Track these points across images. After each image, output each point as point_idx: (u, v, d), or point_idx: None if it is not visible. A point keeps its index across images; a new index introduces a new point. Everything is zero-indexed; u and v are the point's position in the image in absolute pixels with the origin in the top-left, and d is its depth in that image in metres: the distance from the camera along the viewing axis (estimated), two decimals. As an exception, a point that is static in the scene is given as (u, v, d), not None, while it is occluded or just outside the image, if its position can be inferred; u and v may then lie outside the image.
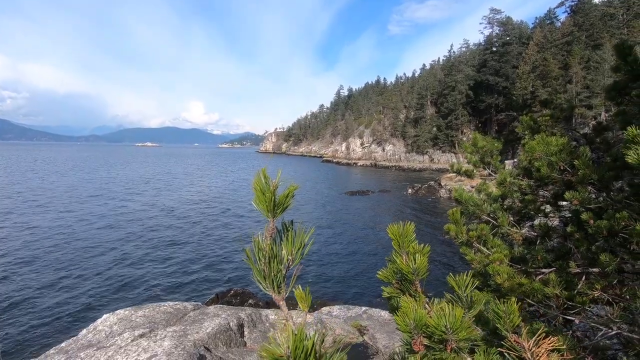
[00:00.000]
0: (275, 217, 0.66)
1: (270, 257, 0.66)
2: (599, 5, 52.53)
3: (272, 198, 0.64)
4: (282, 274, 0.67)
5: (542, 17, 69.53)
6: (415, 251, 0.88)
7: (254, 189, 0.64)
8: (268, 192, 0.64)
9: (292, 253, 0.70)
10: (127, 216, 23.23)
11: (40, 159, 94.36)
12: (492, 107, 67.33)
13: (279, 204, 0.65)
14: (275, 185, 0.65)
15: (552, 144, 2.95)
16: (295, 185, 0.67)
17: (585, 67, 45.07)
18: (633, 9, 45.80)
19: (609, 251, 2.52)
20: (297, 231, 0.71)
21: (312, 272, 14.51)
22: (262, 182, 0.65)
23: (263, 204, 0.64)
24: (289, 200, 0.66)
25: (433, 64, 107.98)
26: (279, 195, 0.66)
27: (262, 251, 0.66)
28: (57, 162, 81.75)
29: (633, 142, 1.55)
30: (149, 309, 3.43)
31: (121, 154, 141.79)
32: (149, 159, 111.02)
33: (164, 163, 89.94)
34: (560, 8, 61.89)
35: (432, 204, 30.85)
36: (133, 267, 14.09)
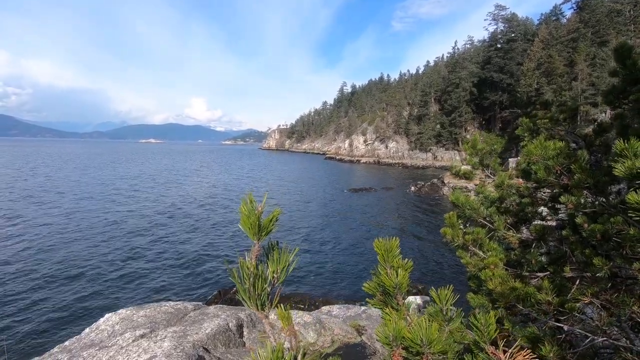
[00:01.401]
0: (260, 239, 0.70)
1: (256, 276, 0.70)
2: (605, 2, 51.91)
3: (257, 222, 0.68)
4: (266, 292, 0.71)
5: (548, 14, 68.93)
6: (398, 266, 0.92)
7: (240, 212, 0.68)
8: (253, 216, 0.68)
9: (277, 272, 0.74)
10: (132, 214, 23.40)
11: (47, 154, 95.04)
12: (496, 104, 66.93)
13: (264, 227, 0.69)
14: (261, 210, 0.69)
15: (549, 147, 2.97)
16: (278, 210, 0.71)
17: (591, 64, 44.69)
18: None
19: (604, 255, 2.55)
20: (282, 250, 0.75)
21: (315, 270, 14.59)
22: (248, 206, 0.69)
23: (248, 227, 0.68)
24: (272, 224, 0.70)
25: (437, 60, 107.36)
26: (263, 219, 0.70)
27: (248, 271, 0.70)
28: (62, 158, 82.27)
29: (621, 155, 1.58)
30: (150, 308, 3.49)
31: (125, 151, 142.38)
32: (153, 155, 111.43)
33: (168, 160, 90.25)
34: (566, 4, 61.31)
35: (435, 202, 30.81)
36: (136, 265, 14.23)
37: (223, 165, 76.14)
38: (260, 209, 0.68)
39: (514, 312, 2.76)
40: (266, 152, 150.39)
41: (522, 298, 2.41)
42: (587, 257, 2.44)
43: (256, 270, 0.70)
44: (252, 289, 0.68)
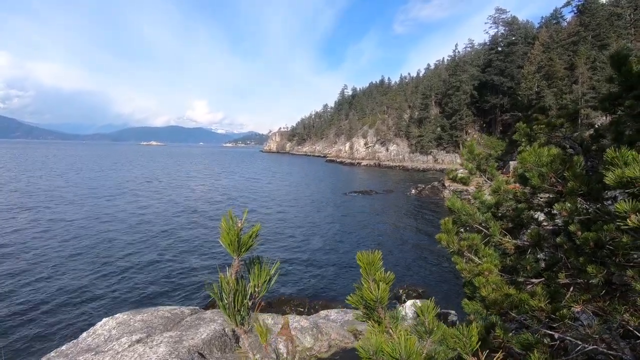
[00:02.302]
0: (240, 255, 0.71)
1: (236, 292, 0.71)
2: (605, 5, 52.02)
3: (237, 238, 0.70)
4: (246, 307, 0.73)
5: (548, 17, 69.05)
6: (380, 279, 0.93)
7: (221, 228, 0.70)
8: (233, 232, 0.69)
9: (258, 286, 0.75)
10: (131, 217, 23.43)
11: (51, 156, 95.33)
12: (496, 107, 66.96)
13: (244, 244, 0.71)
14: (240, 226, 0.71)
15: (543, 154, 2.98)
16: (258, 227, 0.72)
17: (592, 68, 44.71)
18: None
19: (599, 263, 2.56)
20: (264, 265, 0.77)
21: (315, 272, 14.58)
22: (228, 223, 0.71)
23: (228, 243, 0.70)
24: (252, 240, 0.71)
25: (438, 63, 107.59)
26: (243, 235, 0.71)
27: (228, 287, 0.71)
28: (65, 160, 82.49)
29: (612, 163, 1.59)
30: (147, 313, 3.50)
31: (126, 153, 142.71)
32: (155, 158, 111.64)
33: (170, 162, 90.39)
34: (567, 8, 61.38)
35: (435, 205, 30.78)
36: (134, 269, 14.22)
37: (223, 168, 76.21)
38: (240, 225, 0.70)
39: (508, 318, 2.76)
40: (267, 155, 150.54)
41: (515, 304, 2.42)
42: (582, 265, 2.44)
43: (236, 286, 0.71)
44: (232, 304, 0.70)
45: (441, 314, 9.91)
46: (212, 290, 0.71)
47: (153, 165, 77.25)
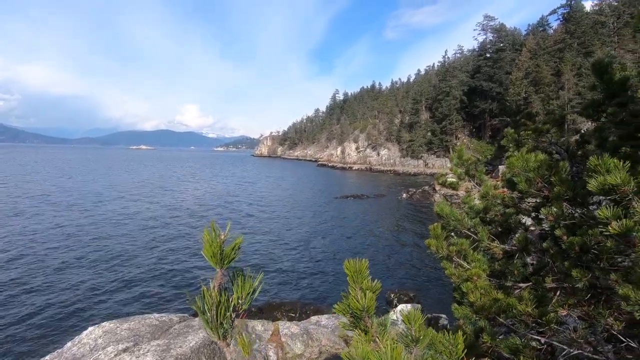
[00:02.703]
0: (223, 267, 0.71)
1: (218, 305, 0.70)
2: (590, 14, 53.40)
3: (219, 250, 0.69)
4: (229, 320, 0.72)
5: (535, 25, 70.51)
6: (367, 288, 0.93)
7: (203, 241, 0.69)
8: (215, 244, 0.69)
9: (242, 298, 0.74)
10: (117, 222, 23.08)
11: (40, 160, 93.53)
12: (486, 112, 67.93)
13: (227, 256, 0.70)
14: (224, 238, 0.70)
15: (530, 160, 3.03)
16: (241, 239, 0.72)
17: (577, 74, 45.70)
18: (623, 18, 46.61)
19: (584, 267, 2.60)
20: (247, 277, 0.76)
21: (307, 277, 14.52)
22: (210, 235, 0.70)
23: (211, 255, 0.69)
24: (235, 252, 0.71)
25: (428, 69, 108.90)
26: (226, 247, 0.70)
27: (210, 300, 0.70)
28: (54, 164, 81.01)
29: (594, 171, 1.62)
30: (134, 321, 3.44)
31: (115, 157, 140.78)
32: (145, 162, 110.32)
33: (160, 166, 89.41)
34: (553, 15, 62.85)
35: (426, 209, 30.98)
36: (122, 275, 13.98)
37: (214, 172, 75.67)
38: (223, 237, 0.69)
39: (497, 322, 2.79)
40: (258, 159, 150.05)
41: (503, 309, 2.44)
42: (567, 269, 2.48)
43: (219, 298, 0.70)
44: (214, 317, 0.69)
45: (432, 318, 9.95)
46: (194, 304, 0.70)
47: (143, 169, 76.34)
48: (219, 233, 0.70)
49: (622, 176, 1.45)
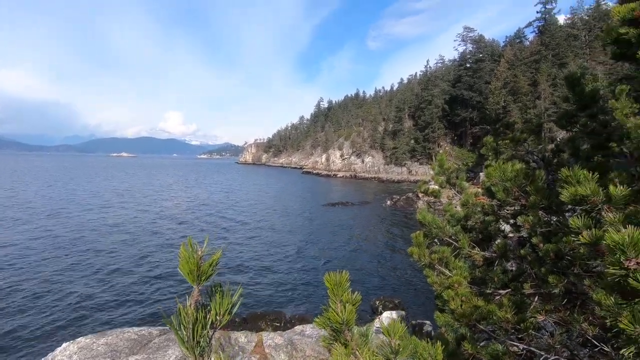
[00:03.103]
0: (200, 284, 0.70)
1: (195, 322, 0.69)
2: (563, 27, 55.78)
3: (196, 267, 0.69)
4: (206, 338, 0.71)
5: (512, 36, 73.09)
6: (347, 300, 0.93)
7: (180, 257, 0.68)
8: (192, 260, 0.68)
9: (220, 314, 0.74)
10: (96, 234, 22.41)
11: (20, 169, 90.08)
12: (467, 120, 69.57)
13: (204, 272, 0.69)
14: (201, 254, 0.69)
15: (507, 169, 3.12)
16: (219, 254, 0.71)
17: (553, 84, 47.44)
18: (594, 31, 48.83)
19: (560, 273, 2.68)
20: (226, 292, 0.75)
21: (291, 286, 14.40)
22: (187, 250, 0.69)
23: (187, 272, 0.68)
24: (213, 268, 0.70)
25: (410, 78, 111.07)
26: (204, 263, 0.70)
27: (186, 318, 0.69)
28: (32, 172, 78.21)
29: (566, 181, 1.69)
30: (112, 336, 3.33)
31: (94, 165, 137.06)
32: (126, 169, 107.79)
33: (141, 174, 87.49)
34: (529, 28, 65.35)
35: (410, 216, 31.30)
36: (99, 288, 13.53)
37: (197, 180, 74.57)
38: (201, 253, 0.69)
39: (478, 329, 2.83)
40: (242, 167, 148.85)
41: (484, 316, 2.48)
42: (544, 275, 2.55)
43: (195, 316, 0.69)
44: (190, 336, 0.68)
45: (416, 324, 10.00)
46: (169, 323, 0.69)
47: (123, 177, 74.55)
48: (195, 249, 0.70)
49: (591, 187, 1.51)
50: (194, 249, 0.70)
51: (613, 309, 1.04)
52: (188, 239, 0.70)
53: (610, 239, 0.94)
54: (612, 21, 2.24)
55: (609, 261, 0.94)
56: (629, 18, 2.05)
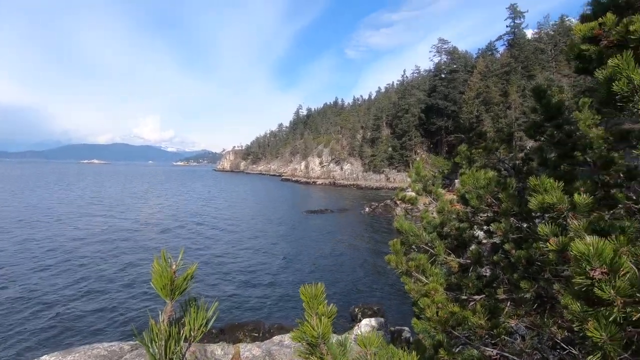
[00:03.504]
0: (174, 299, 0.68)
1: (167, 339, 0.67)
2: (531, 41, 58.60)
3: (170, 280, 0.67)
4: (179, 355, 0.69)
5: (484, 49, 76.01)
6: (322, 313, 0.93)
7: (152, 271, 0.67)
8: (166, 275, 0.66)
9: (194, 330, 0.72)
10: (64, 245, 21.44)
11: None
12: (442, 129, 71.48)
13: (178, 286, 0.68)
14: (175, 268, 0.68)
15: (480, 178, 3.22)
16: (194, 268, 0.70)
17: (522, 95, 49.56)
18: (559, 46, 51.55)
19: (531, 278, 2.77)
20: (201, 306, 0.74)
21: (270, 295, 14.20)
22: (161, 264, 0.68)
23: (161, 286, 0.67)
24: (187, 282, 0.69)
25: (388, 87, 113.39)
26: (178, 277, 0.68)
27: (159, 334, 0.67)
28: (-13, 180, 74.08)
29: (534, 190, 1.76)
30: (80, 352, 3.17)
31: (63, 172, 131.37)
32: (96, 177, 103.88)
33: (112, 182, 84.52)
34: (499, 41, 68.23)
35: (388, 222, 31.66)
36: (67, 302, 12.89)
37: (173, 188, 72.78)
38: (175, 267, 0.67)
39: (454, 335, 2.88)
40: (220, 174, 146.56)
41: (459, 322, 2.53)
42: (516, 280, 2.64)
43: (168, 332, 0.67)
44: (163, 353, 0.66)
45: (395, 331, 10.06)
46: (141, 339, 0.67)
47: (93, 185, 71.84)
48: (170, 262, 0.68)
49: (557, 195, 1.58)
50: (167, 262, 0.68)
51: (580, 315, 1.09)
52: (162, 251, 0.69)
53: (575, 249, 0.98)
54: (575, 38, 2.37)
55: (575, 271, 0.99)
56: (589, 36, 2.18)
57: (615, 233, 1.64)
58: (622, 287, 0.92)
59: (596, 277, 0.93)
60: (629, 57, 1.32)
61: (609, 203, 3.06)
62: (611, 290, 0.92)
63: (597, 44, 2.33)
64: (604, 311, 0.97)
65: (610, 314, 0.95)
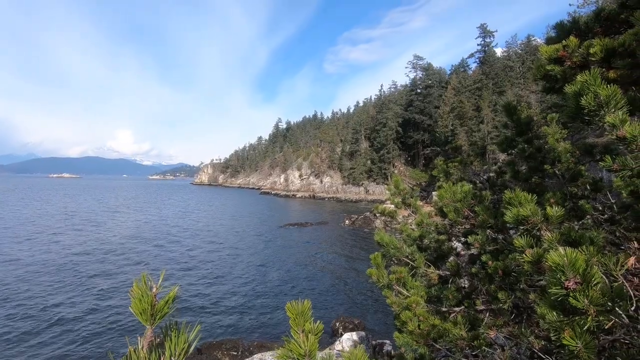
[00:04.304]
0: (154, 324, 0.66)
1: (147, 365, 0.65)
2: (500, 59, 61.50)
3: (151, 305, 0.65)
4: (160, 382, 0.66)
5: (457, 65, 79.17)
6: (309, 330, 0.92)
7: (132, 295, 0.64)
8: (146, 299, 0.64)
9: (175, 355, 0.70)
10: (32, 266, 20.36)
11: None
12: (419, 142, 73.27)
13: (158, 311, 0.66)
14: (156, 291, 0.66)
15: (457, 191, 3.31)
16: (174, 291, 0.68)
17: (494, 110, 51.62)
18: (526, 64, 54.31)
19: (508, 289, 2.84)
20: (182, 330, 0.71)
21: (250, 311, 13.88)
22: (141, 288, 0.66)
23: (140, 311, 0.64)
24: (169, 306, 0.66)
25: (366, 101, 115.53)
26: (159, 301, 0.66)
27: (138, 361, 0.64)
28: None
29: (509, 203, 1.82)
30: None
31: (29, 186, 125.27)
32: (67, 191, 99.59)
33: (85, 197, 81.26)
34: (471, 59, 71.32)
35: (368, 235, 31.82)
36: (35, 327, 12.18)
37: (148, 203, 70.72)
38: (155, 291, 0.65)
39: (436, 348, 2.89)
40: (198, 188, 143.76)
41: (441, 334, 2.55)
42: (494, 292, 2.70)
43: (148, 359, 0.65)
44: (142, 380, 0.63)
45: (377, 344, 10.01)
46: (119, 368, 0.64)
47: (64, 200, 68.83)
48: (150, 286, 0.66)
49: (531, 208, 1.64)
50: (147, 286, 0.66)
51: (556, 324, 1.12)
52: (142, 275, 0.66)
53: (551, 260, 1.02)
54: (541, 59, 2.51)
55: (551, 281, 1.02)
56: (554, 57, 2.32)
57: (585, 244, 1.72)
58: (595, 296, 0.96)
59: (570, 287, 0.97)
60: (596, 74, 1.40)
61: (577, 214, 3.20)
62: (585, 300, 0.96)
63: (561, 64, 2.47)
64: (579, 320, 1.00)
65: (584, 323, 0.99)
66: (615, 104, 1.37)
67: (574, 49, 2.29)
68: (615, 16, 2.66)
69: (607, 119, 1.36)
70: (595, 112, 1.40)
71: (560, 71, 2.46)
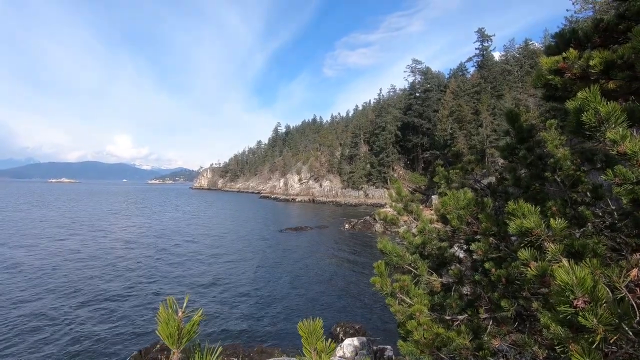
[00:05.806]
0: (180, 347, 0.69)
1: (174, 388, 0.67)
2: (498, 63, 61.86)
3: (177, 328, 0.67)
4: (186, 403, 0.69)
5: (456, 69, 79.54)
6: (321, 349, 0.94)
7: (158, 319, 0.67)
8: (173, 323, 0.67)
9: (199, 376, 0.72)
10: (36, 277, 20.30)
11: None
12: (418, 146, 73.47)
13: (185, 334, 0.68)
14: (181, 315, 0.68)
15: (460, 198, 3.34)
16: (199, 316, 0.71)
17: (492, 114, 51.83)
18: (524, 68, 54.61)
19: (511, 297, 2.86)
20: (205, 352, 0.74)
21: (250, 316, 13.83)
22: (167, 312, 0.68)
23: (167, 335, 0.67)
24: (195, 329, 0.69)
25: (365, 105, 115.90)
26: (185, 325, 0.69)
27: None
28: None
29: (512, 214, 1.85)
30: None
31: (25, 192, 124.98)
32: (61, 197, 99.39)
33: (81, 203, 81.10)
34: (469, 62, 71.64)
35: (368, 239, 31.79)
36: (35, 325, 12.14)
37: (147, 208, 70.60)
38: (181, 315, 0.68)
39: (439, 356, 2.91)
40: (197, 192, 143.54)
41: (444, 343, 2.57)
42: (497, 299, 2.72)
43: (175, 381, 0.67)
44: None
45: (377, 350, 9.99)
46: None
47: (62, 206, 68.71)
48: (175, 309, 0.69)
49: (535, 220, 1.67)
50: (173, 309, 0.68)
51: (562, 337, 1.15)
52: (168, 299, 0.69)
53: (560, 279, 1.05)
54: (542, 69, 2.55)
55: (559, 300, 1.05)
56: (555, 69, 2.36)
57: (588, 254, 1.75)
58: (603, 316, 0.98)
59: (579, 307, 1.00)
60: (595, 91, 1.44)
61: (579, 222, 3.23)
62: (594, 319, 0.99)
63: (561, 75, 2.52)
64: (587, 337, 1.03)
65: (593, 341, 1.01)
66: (616, 120, 1.40)
67: (574, 61, 2.33)
68: (614, 27, 2.71)
69: (607, 135, 1.39)
70: (596, 128, 1.44)
71: (560, 81, 2.51)
